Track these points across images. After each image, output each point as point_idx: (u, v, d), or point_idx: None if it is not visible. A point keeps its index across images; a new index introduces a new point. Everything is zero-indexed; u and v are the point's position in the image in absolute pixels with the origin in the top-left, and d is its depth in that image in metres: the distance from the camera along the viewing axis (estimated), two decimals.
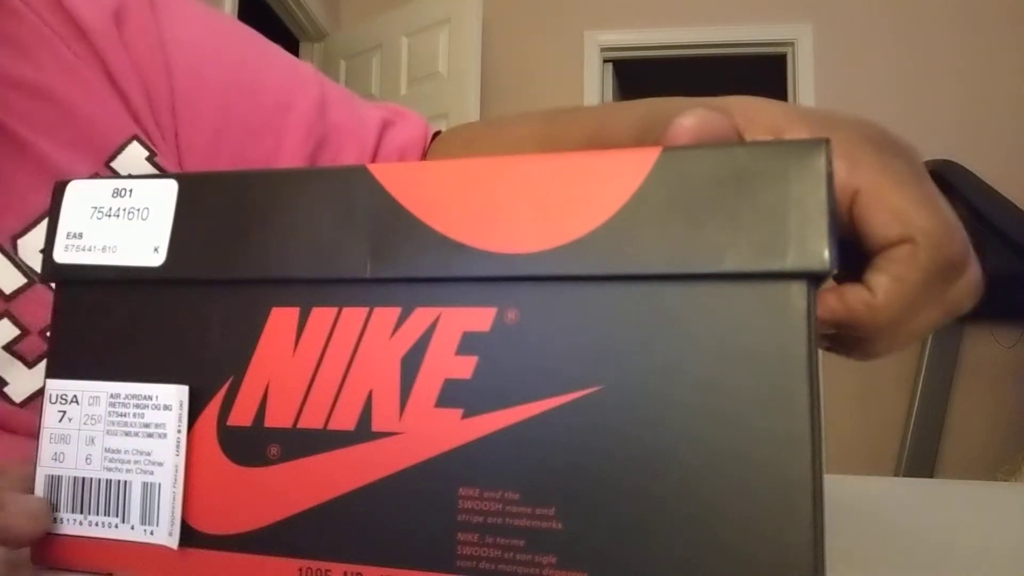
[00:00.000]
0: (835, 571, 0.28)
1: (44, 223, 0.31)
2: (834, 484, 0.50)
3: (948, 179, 2.20)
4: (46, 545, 0.22)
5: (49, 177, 0.32)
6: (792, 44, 2.75)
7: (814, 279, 0.17)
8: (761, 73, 3.00)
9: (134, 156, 0.37)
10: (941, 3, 2.68)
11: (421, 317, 0.19)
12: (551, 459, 0.18)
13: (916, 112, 2.62)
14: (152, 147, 0.38)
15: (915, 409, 2.45)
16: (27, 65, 0.36)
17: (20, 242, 0.34)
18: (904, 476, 2.33)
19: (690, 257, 0.17)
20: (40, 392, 0.30)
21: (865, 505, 0.41)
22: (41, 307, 0.33)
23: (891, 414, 2.52)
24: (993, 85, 2.61)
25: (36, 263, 0.34)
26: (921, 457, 2.41)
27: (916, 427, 2.43)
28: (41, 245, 0.33)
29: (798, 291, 0.17)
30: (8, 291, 0.33)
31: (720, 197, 0.17)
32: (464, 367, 0.19)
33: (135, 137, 0.38)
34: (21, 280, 0.33)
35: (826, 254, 0.16)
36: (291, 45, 2.90)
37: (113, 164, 0.37)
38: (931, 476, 2.41)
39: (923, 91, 2.64)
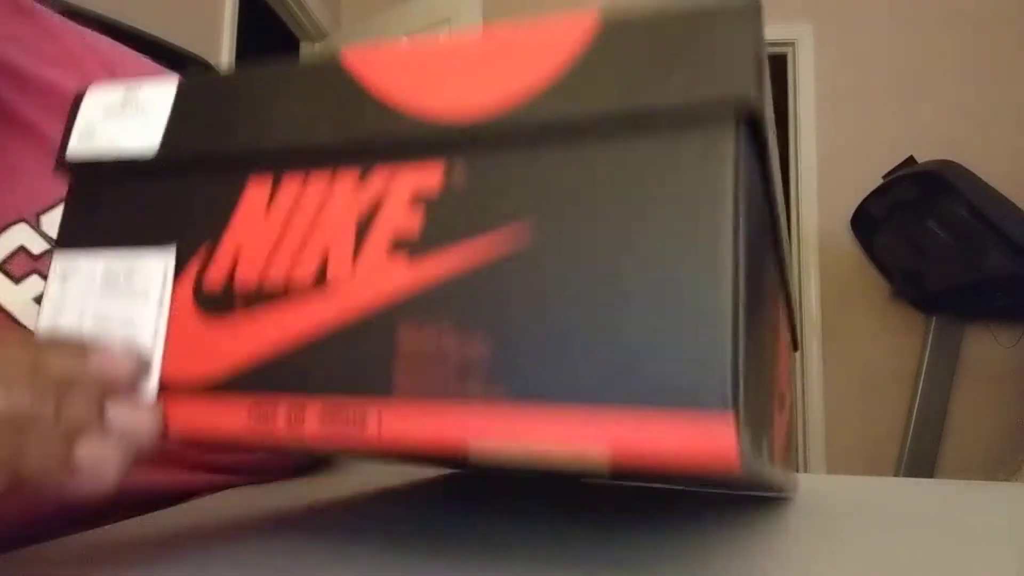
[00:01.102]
0: (835, 571, 0.28)
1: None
2: (834, 484, 0.50)
3: (947, 179, 2.19)
4: None
5: None
6: (792, 44, 2.74)
7: (744, 117, 0.18)
8: None
9: None
10: (942, 3, 2.68)
11: (378, 178, 0.21)
12: (482, 292, 0.19)
13: (916, 112, 2.62)
14: None
15: (915, 409, 2.44)
16: (37, 59, 0.41)
17: (43, 218, 0.39)
18: (904, 476, 2.33)
19: (623, 99, 0.18)
20: None
21: (865, 505, 0.42)
22: None
23: (891, 414, 2.52)
24: (994, 85, 2.61)
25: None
26: (921, 457, 2.41)
27: (916, 427, 2.43)
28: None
29: (726, 128, 0.18)
30: (35, 253, 0.38)
31: (655, 48, 0.18)
32: (412, 221, 0.21)
33: None
34: (45, 246, 0.38)
35: (753, 82, 0.17)
36: (291, 45, 2.90)
37: None
38: (931, 476, 2.41)
39: (923, 91, 2.63)
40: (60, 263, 0.25)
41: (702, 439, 0.16)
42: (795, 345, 0.47)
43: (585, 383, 0.17)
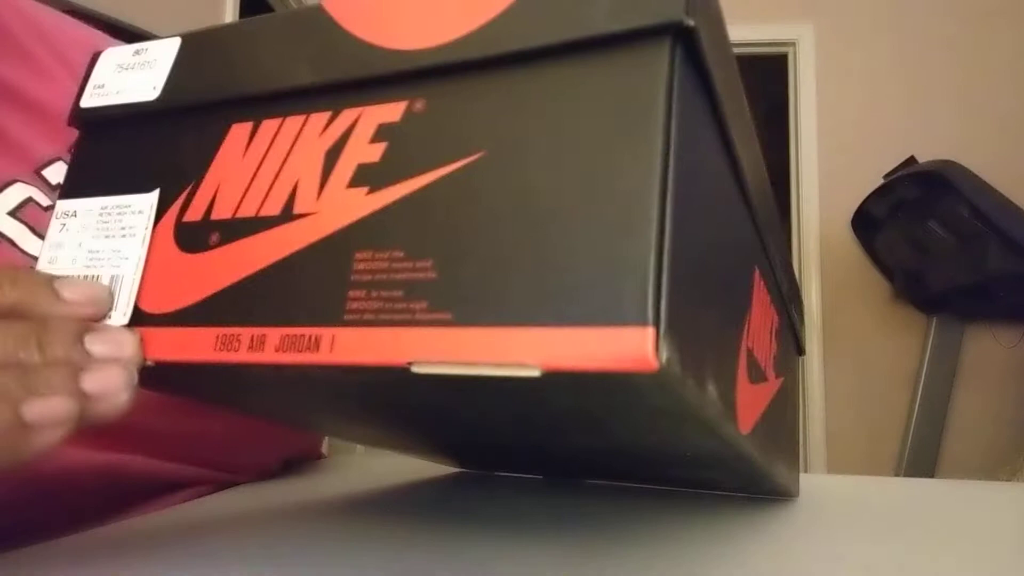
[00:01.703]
0: (835, 571, 0.28)
1: (58, 164, 0.42)
2: (834, 484, 0.50)
3: (948, 179, 2.19)
4: None
5: (53, 126, 0.40)
6: (793, 44, 2.74)
7: (681, 37, 0.19)
8: (762, 73, 3.00)
9: None
10: (942, 3, 2.67)
11: (346, 117, 0.23)
12: (435, 218, 0.20)
13: (916, 112, 2.62)
14: None
15: (916, 409, 2.44)
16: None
17: (44, 173, 0.41)
18: (904, 476, 2.33)
19: (562, 29, 0.19)
20: None
21: (865, 505, 0.41)
22: None
23: (891, 414, 2.52)
24: (994, 85, 2.61)
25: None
26: (922, 457, 2.41)
27: (917, 427, 2.43)
28: (58, 179, 0.41)
29: (659, 52, 0.18)
30: (43, 205, 0.40)
31: None
32: (375, 152, 0.22)
33: None
34: (48, 201, 0.40)
35: (682, 5, 0.18)
36: None
37: None
38: (931, 476, 2.41)
39: (923, 91, 2.63)
40: (61, 209, 0.27)
41: (623, 352, 0.16)
42: (800, 349, 0.46)
43: (519, 305, 0.18)
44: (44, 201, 0.40)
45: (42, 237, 0.38)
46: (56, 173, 0.42)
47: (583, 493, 0.45)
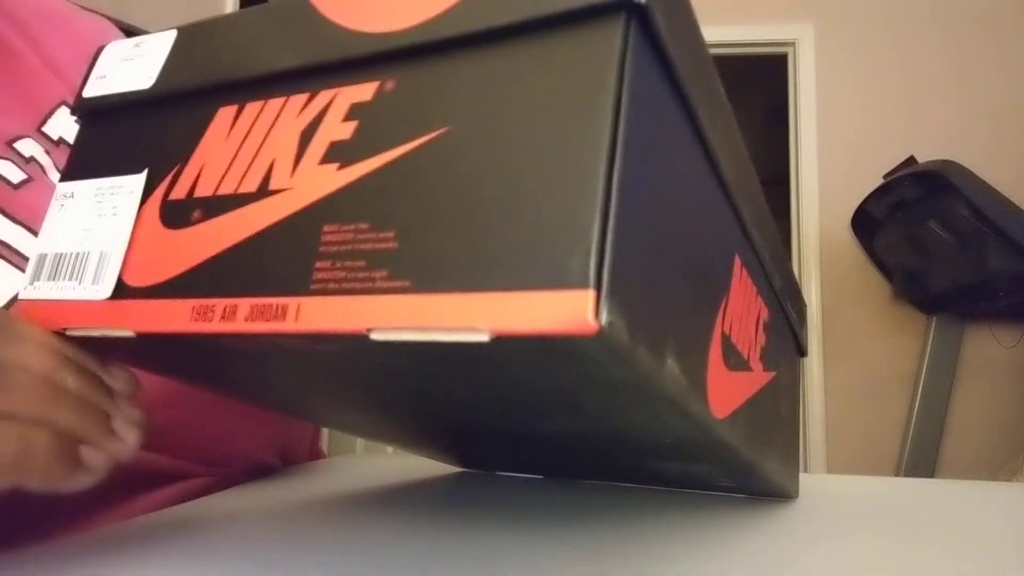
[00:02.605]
0: (836, 571, 0.28)
1: (29, 138, 0.44)
2: (834, 484, 0.50)
3: (948, 179, 2.19)
4: (24, 307, 0.27)
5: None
6: (793, 44, 2.74)
7: (635, 14, 0.19)
8: (762, 73, 3.00)
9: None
10: (942, 3, 2.68)
11: (323, 98, 0.24)
12: (399, 192, 0.21)
13: (916, 112, 2.62)
14: None
15: (916, 409, 2.44)
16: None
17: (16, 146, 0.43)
18: (904, 476, 2.33)
19: (521, 9, 0.20)
20: None
21: (865, 505, 0.42)
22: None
23: (891, 414, 2.52)
24: (994, 85, 2.61)
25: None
26: (922, 457, 2.41)
27: (917, 427, 2.43)
28: (30, 153, 0.44)
29: (616, 23, 0.19)
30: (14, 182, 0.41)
31: None
32: (347, 130, 0.23)
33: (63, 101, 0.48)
34: (21, 175, 0.42)
35: None
36: None
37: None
38: (931, 476, 2.41)
39: (924, 91, 2.63)
40: (61, 191, 0.28)
41: (565, 315, 0.17)
42: (801, 350, 0.46)
43: (473, 272, 0.18)
44: (15, 177, 0.42)
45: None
46: (27, 147, 0.43)
47: (583, 493, 0.45)
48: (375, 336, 0.19)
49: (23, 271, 0.39)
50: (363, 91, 0.23)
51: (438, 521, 0.36)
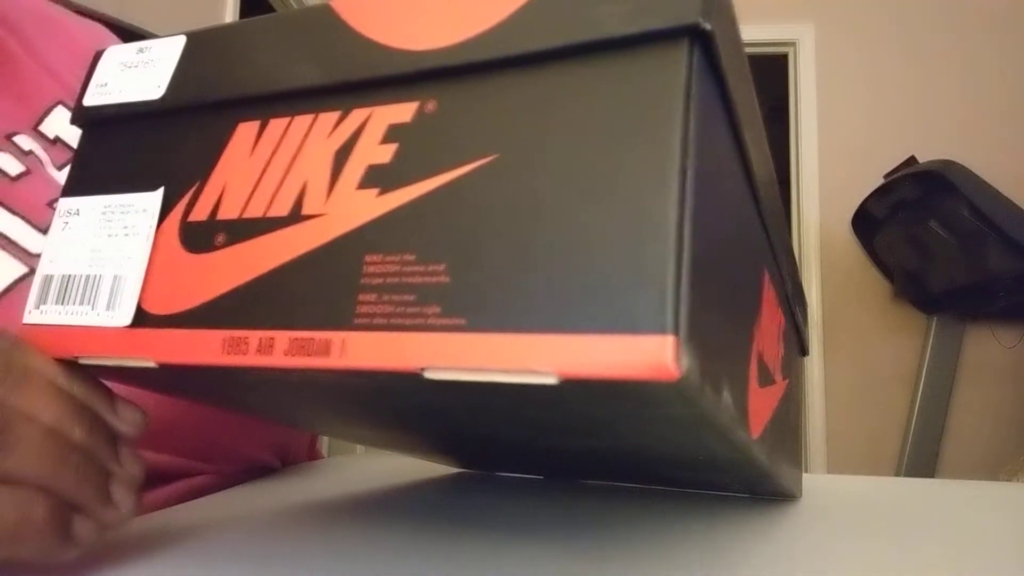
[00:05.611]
0: (836, 571, 0.28)
1: (25, 134, 0.43)
2: (834, 484, 0.50)
3: (949, 179, 2.19)
4: (30, 332, 0.25)
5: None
6: (794, 44, 2.74)
7: (697, 40, 0.18)
8: (762, 73, 3.00)
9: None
10: (942, 3, 2.68)
11: (356, 117, 0.22)
12: (447, 222, 0.20)
13: (916, 112, 2.62)
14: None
15: (916, 409, 2.44)
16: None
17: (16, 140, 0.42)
18: (905, 476, 2.33)
19: (576, 30, 0.19)
20: None
21: (865, 505, 0.41)
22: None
23: (892, 414, 2.52)
24: (994, 85, 2.61)
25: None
26: (922, 457, 2.41)
27: (917, 427, 2.43)
28: (28, 147, 0.43)
29: (676, 55, 0.18)
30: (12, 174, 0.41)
31: None
32: (385, 153, 0.21)
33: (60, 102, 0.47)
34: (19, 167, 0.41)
35: (699, 9, 0.18)
36: None
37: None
38: (932, 476, 2.41)
39: (924, 91, 2.63)
40: (64, 207, 0.27)
41: (643, 361, 0.16)
42: (803, 350, 0.46)
43: (535, 311, 0.18)
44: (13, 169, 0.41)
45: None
46: (24, 142, 0.43)
47: (584, 494, 0.45)
48: (429, 375, 0.18)
49: (21, 262, 0.38)
50: (402, 112, 0.22)
51: (438, 521, 0.36)
